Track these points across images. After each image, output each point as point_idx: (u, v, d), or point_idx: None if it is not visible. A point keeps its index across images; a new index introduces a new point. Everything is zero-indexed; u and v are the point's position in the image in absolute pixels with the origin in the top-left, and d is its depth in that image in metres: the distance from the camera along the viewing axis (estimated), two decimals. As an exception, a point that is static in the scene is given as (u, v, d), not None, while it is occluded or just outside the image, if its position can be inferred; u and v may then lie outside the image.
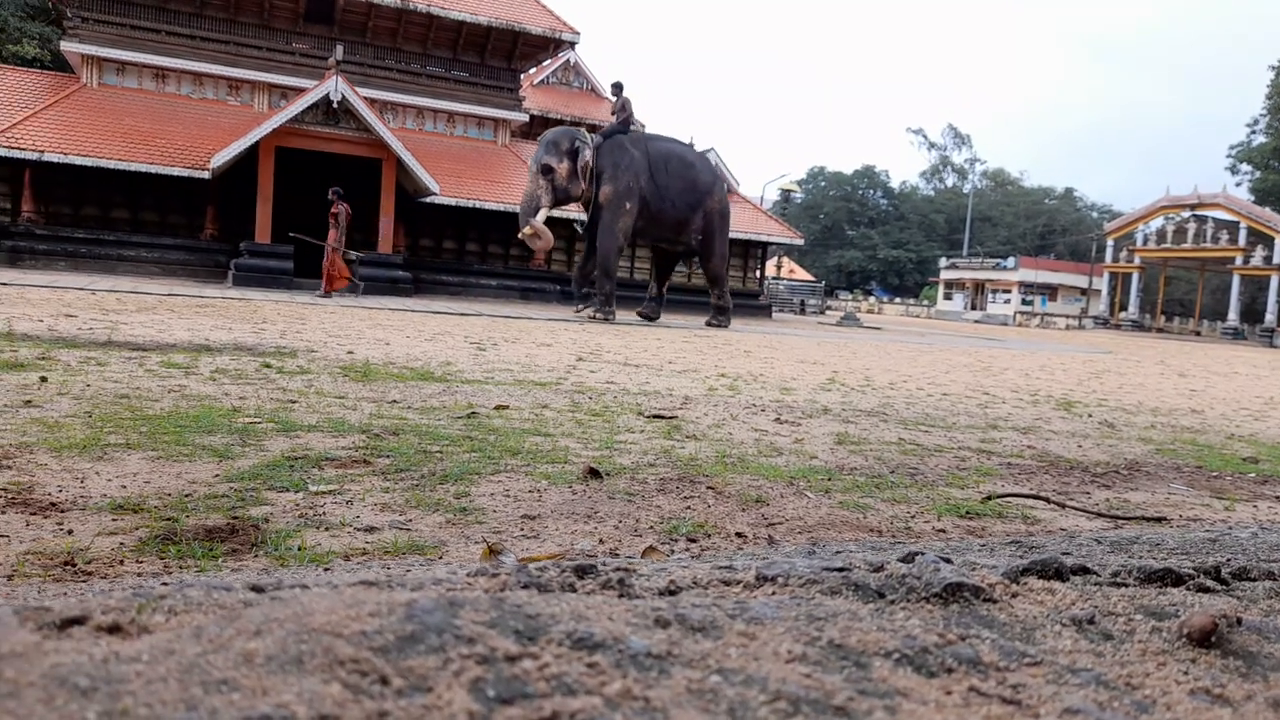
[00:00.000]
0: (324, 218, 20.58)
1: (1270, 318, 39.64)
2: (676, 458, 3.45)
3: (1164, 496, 3.38)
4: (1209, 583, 1.07)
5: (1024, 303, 53.39)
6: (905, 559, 0.94)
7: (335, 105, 17.53)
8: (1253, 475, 3.96)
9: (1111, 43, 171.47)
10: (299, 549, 2.05)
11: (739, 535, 2.41)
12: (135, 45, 19.08)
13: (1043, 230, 75.85)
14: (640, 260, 22.41)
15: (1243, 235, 41.22)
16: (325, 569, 1.79)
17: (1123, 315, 47.12)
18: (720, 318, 16.68)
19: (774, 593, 0.82)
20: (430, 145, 21.00)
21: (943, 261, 60.84)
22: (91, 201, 18.18)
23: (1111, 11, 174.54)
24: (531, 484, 2.84)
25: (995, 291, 55.30)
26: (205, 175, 17.25)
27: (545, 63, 26.74)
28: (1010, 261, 55.25)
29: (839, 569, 0.87)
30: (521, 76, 23.61)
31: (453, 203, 19.28)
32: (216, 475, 2.69)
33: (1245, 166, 54.11)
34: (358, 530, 2.24)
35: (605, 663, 0.66)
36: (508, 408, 4.46)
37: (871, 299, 61.71)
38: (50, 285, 12.35)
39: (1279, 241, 39.44)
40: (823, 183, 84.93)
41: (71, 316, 8.07)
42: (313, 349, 6.80)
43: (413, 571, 1.18)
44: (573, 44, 22.64)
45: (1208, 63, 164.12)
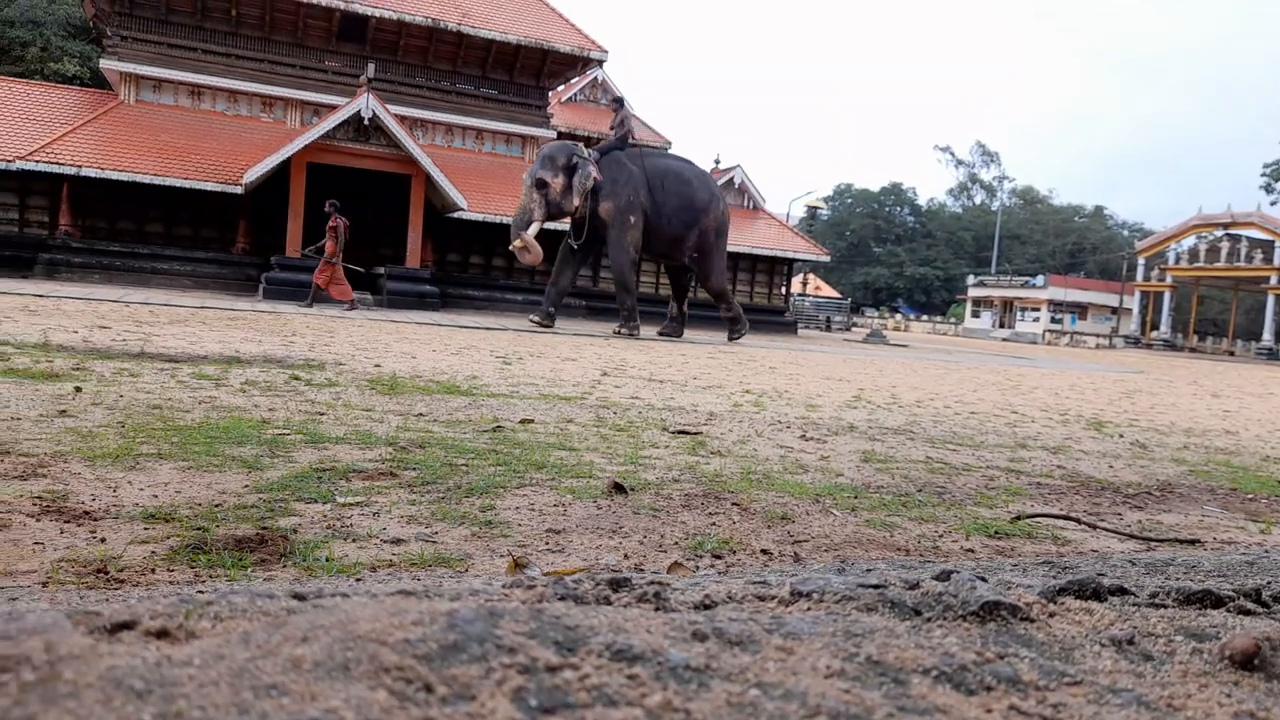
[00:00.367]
0: (353, 233, 20.81)
1: (1306, 338, 38.99)
2: (701, 474, 3.44)
3: (1198, 519, 3.32)
4: (1249, 605, 1.05)
5: (1053, 321, 52.84)
6: (940, 577, 0.93)
7: (366, 122, 17.77)
8: (1290, 498, 3.88)
9: (1143, 61, 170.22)
10: (327, 560, 2.06)
11: (764, 552, 2.40)
12: (173, 63, 19.46)
13: (1072, 248, 75.13)
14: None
15: (1277, 254, 40.62)
16: (357, 579, 1.80)
17: (1154, 334, 46.49)
18: (736, 329, 16.48)
19: (809, 608, 0.81)
20: (459, 161, 21.20)
21: (970, 279, 60.40)
22: (127, 215, 18.51)
23: (1144, 30, 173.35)
24: (556, 498, 2.84)
25: (1024, 310, 54.79)
26: (238, 190, 17.52)
27: (573, 80, 26.94)
28: (1039, 279, 54.75)
29: (874, 585, 0.87)
30: (550, 94, 23.80)
31: (480, 218, 19.43)
32: (246, 486, 2.71)
33: (1280, 185, 53.41)
34: (384, 542, 2.25)
35: (645, 674, 0.66)
36: (533, 422, 4.47)
37: (898, 316, 61.39)
38: (85, 297, 12.57)
39: (1315, 261, 38.84)
40: (849, 200, 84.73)
41: (105, 328, 8.21)
42: (340, 362, 6.87)
43: (445, 583, 1.18)
44: (601, 62, 22.78)
45: (1241, 81, 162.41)
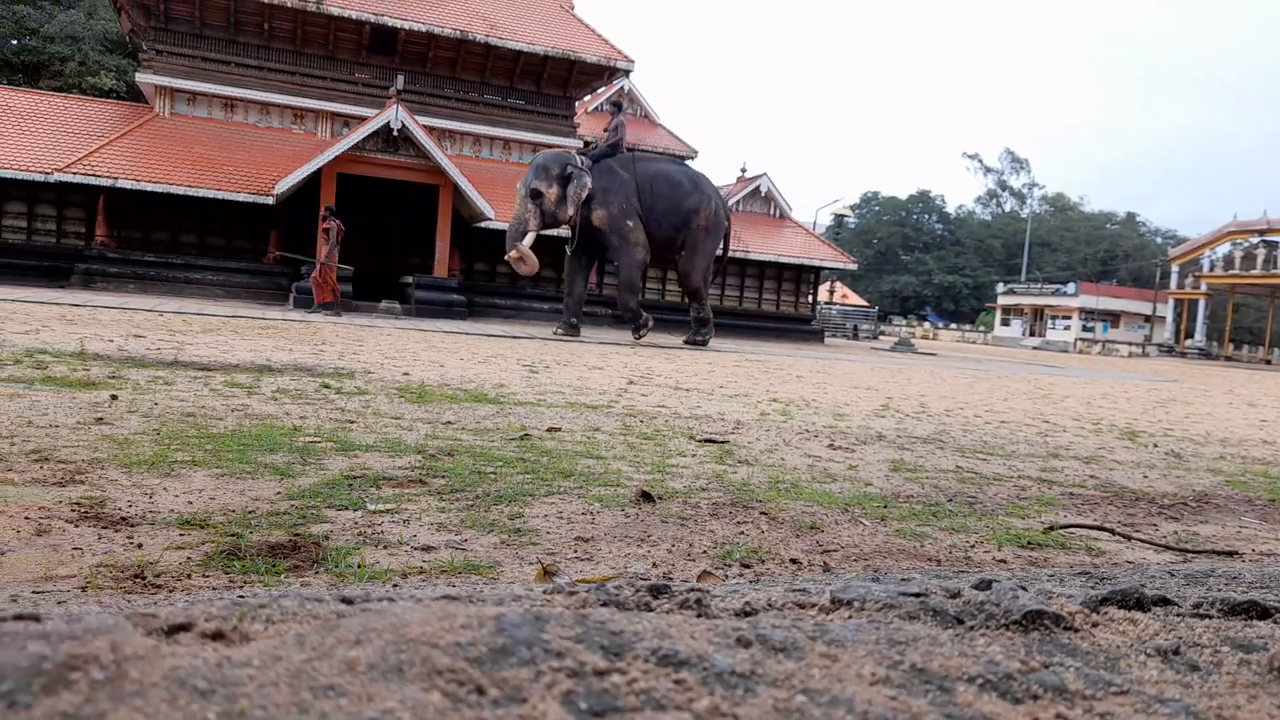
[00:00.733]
0: (381, 242, 20.97)
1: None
2: (729, 482, 3.43)
3: (1235, 530, 3.26)
4: (1296, 617, 1.03)
5: (1085, 329, 52.18)
6: (981, 586, 0.93)
7: (395, 133, 17.96)
8: (1331, 510, 3.80)
9: (1176, 68, 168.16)
10: (359, 566, 2.08)
11: (793, 562, 2.38)
12: (206, 76, 19.80)
13: (1104, 256, 74.21)
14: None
15: (1315, 261, 39.89)
16: (394, 585, 1.81)
17: (1188, 343, 45.76)
18: (701, 332, 16.26)
19: (850, 616, 0.81)
20: (486, 171, 21.36)
21: (1000, 287, 59.84)
22: (161, 226, 18.83)
23: (1175, 38, 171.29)
24: (584, 506, 2.84)
25: (1055, 318, 54.15)
26: (269, 201, 17.77)
27: (600, 90, 27.06)
28: (1070, 287, 54.13)
29: (915, 594, 0.86)
30: (576, 104, 23.92)
31: (506, 228, 19.54)
32: (278, 493, 2.74)
33: (1317, 191, 52.57)
34: (415, 549, 2.27)
35: (692, 680, 0.66)
36: (560, 430, 4.48)
37: (926, 324, 60.91)
38: (120, 307, 12.78)
39: (1354, 268, 38.09)
40: (876, 207, 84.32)
41: (140, 337, 8.34)
42: (369, 370, 6.93)
43: (486, 589, 1.19)
44: (627, 72, 22.87)
45: (1261, 88, 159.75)
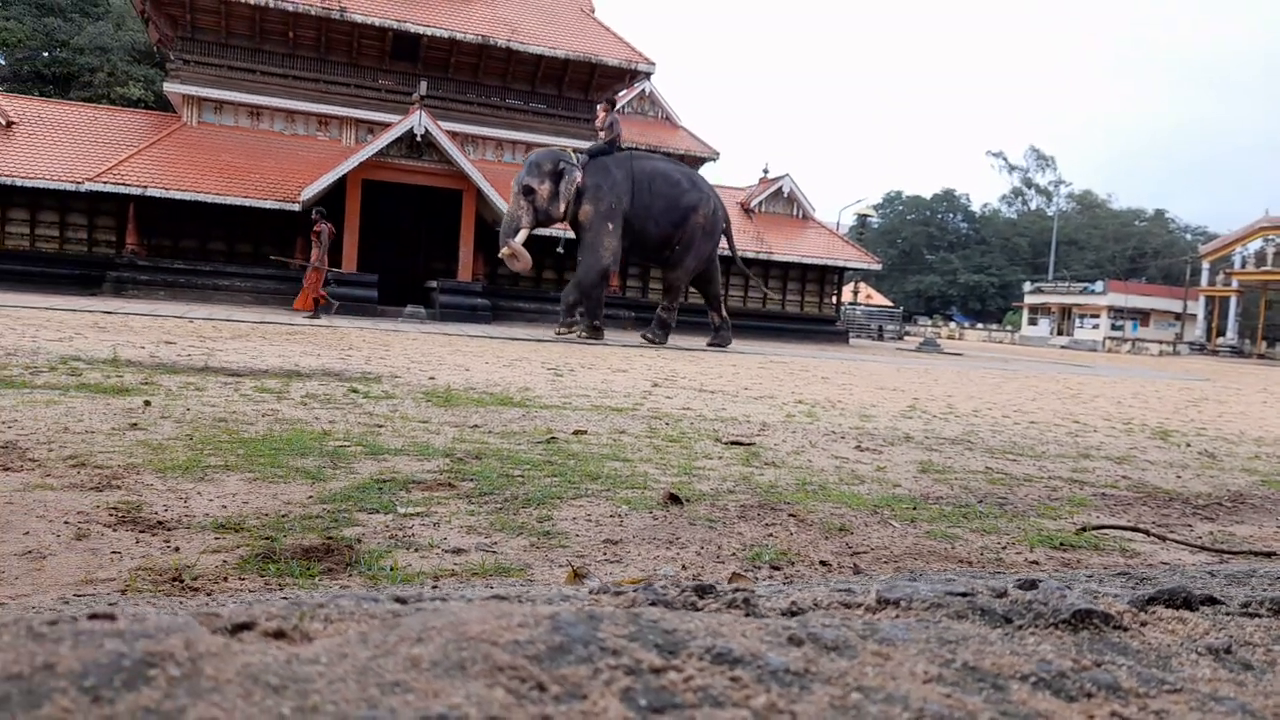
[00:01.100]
0: (406, 247, 21.10)
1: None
2: (756, 484, 3.42)
3: (1273, 530, 3.22)
4: (1346, 617, 1.01)
5: (1114, 328, 51.51)
6: (1025, 585, 0.92)
7: (419, 139, 18.09)
8: (1372, 509, 3.73)
9: (1204, 65, 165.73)
10: (391, 569, 2.10)
11: (823, 564, 2.38)
12: (233, 85, 20.04)
13: (1133, 253, 73.23)
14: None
15: (1350, 257, 39.15)
16: (434, 587, 1.82)
17: (1220, 341, 45.05)
18: (660, 332, 15.98)
19: (898, 615, 0.81)
20: (509, 176, 21.42)
21: (1027, 286, 59.24)
22: (190, 234, 19.07)
23: (1204, 34, 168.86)
24: (612, 509, 2.85)
25: (1083, 316, 53.49)
26: (296, 208, 17.95)
27: (621, 93, 27.11)
28: (1099, 285, 53.46)
29: (963, 593, 0.86)
30: (598, 106, 23.96)
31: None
32: (310, 496, 2.77)
33: (1351, 186, 51.58)
34: (445, 552, 2.28)
35: (747, 677, 0.67)
36: (586, 433, 4.49)
37: (951, 324, 60.41)
38: (151, 314, 12.96)
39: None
40: (900, 207, 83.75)
41: (171, 343, 8.45)
42: (396, 375, 6.98)
43: (527, 590, 1.20)
44: (648, 74, 22.89)
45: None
